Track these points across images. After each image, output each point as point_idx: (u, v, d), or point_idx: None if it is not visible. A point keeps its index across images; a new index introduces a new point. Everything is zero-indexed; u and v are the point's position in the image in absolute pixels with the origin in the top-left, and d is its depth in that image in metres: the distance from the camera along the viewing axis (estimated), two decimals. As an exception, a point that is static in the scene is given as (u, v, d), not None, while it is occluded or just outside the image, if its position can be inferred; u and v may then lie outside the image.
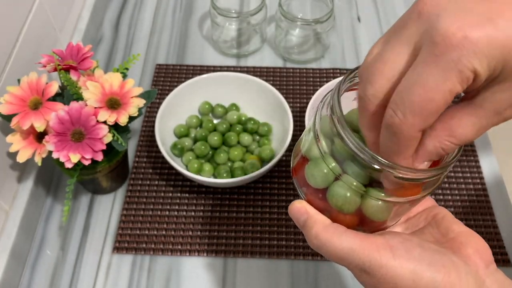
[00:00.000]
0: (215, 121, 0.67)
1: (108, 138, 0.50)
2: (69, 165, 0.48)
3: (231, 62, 0.78)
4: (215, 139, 0.64)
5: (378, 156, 0.27)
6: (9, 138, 0.50)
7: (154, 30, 0.82)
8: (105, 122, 0.50)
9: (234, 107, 0.68)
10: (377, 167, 0.27)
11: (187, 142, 0.64)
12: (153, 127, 0.68)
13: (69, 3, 0.73)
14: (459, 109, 0.26)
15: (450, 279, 0.28)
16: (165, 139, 0.61)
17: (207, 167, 0.62)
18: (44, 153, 0.50)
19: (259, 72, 0.76)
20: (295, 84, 0.74)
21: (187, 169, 0.61)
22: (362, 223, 0.32)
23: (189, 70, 0.76)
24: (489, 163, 0.66)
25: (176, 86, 0.67)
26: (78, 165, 0.51)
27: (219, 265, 0.57)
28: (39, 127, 0.48)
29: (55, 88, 0.50)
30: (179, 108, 0.65)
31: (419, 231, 0.32)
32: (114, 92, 0.52)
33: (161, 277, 0.56)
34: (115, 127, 0.52)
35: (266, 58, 0.78)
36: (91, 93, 0.50)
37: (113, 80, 0.52)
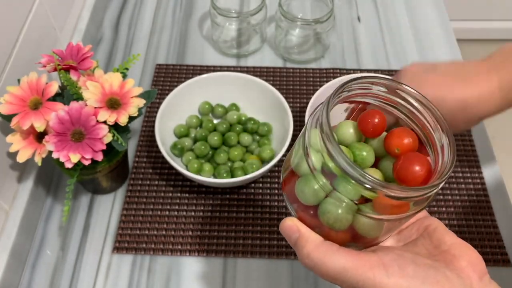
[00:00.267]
0: (215, 121, 0.67)
1: (108, 138, 0.50)
2: (69, 165, 0.48)
3: (231, 62, 0.78)
4: (215, 139, 0.64)
5: (368, 173, 0.26)
6: (9, 138, 0.50)
7: (154, 30, 0.82)
8: (105, 122, 0.50)
9: (234, 107, 0.68)
10: (367, 185, 0.27)
11: (187, 142, 0.64)
12: (153, 127, 0.68)
13: (69, 3, 0.73)
14: None
15: None
16: (165, 139, 0.61)
17: (207, 167, 0.62)
18: (44, 153, 0.50)
19: (259, 72, 0.76)
20: (295, 84, 0.74)
21: (187, 169, 0.61)
22: (354, 239, 0.31)
23: (189, 70, 0.76)
24: (489, 163, 0.66)
25: (176, 86, 0.67)
26: (78, 165, 0.51)
27: (219, 265, 0.57)
28: (39, 127, 0.48)
29: (55, 88, 0.50)
30: (179, 108, 0.65)
31: (412, 243, 0.32)
32: (114, 92, 0.52)
33: (161, 277, 0.56)
34: (115, 127, 0.52)
35: (266, 58, 0.78)
36: (91, 93, 0.50)
37: (113, 80, 0.52)
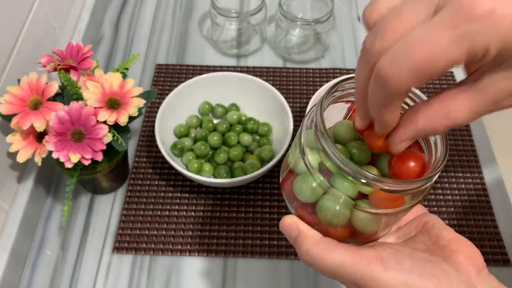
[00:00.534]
0: (215, 121, 0.67)
1: (108, 138, 0.50)
2: (69, 165, 0.48)
3: (231, 62, 0.78)
4: (215, 139, 0.64)
5: (362, 170, 0.27)
6: (9, 138, 0.50)
7: (154, 30, 0.82)
8: (105, 122, 0.50)
9: (234, 107, 0.68)
10: (363, 180, 0.27)
11: (187, 142, 0.64)
12: (153, 127, 0.68)
13: (69, 3, 0.73)
14: (459, 92, 0.25)
15: None
16: (165, 139, 0.61)
17: (207, 167, 0.62)
18: (44, 153, 0.50)
19: (259, 72, 0.76)
20: (295, 84, 0.74)
21: (187, 169, 0.61)
22: (353, 235, 0.32)
23: (189, 70, 0.76)
24: (489, 163, 0.66)
25: (176, 86, 0.67)
26: (78, 165, 0.51)
27: (219, 265, 0.57)
28: (39, 127, 0.48)
29: (55, 88, 0.50)
30: (179, 108, 0.65)
31: (411, 239, 0.32)
32: (114, 92, 0.52)
33: (161, 277, 0.56)
34: (115, 127, 0.52)
35: (266, 58, 0.78)
36: (91, 93, 0.50)
37: (113, 80, 0.52)
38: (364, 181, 0.27)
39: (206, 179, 0.57)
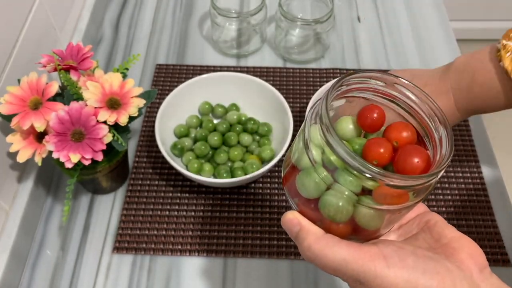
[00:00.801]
0: (215, 121, 0.67)
1: (108, 138, 0.50)
2: (69, 165, 0.48)
3: (231, 62, 0.78)
4: (215, 139, 0.64)
5: (369, 164, 0.27)
6: (9, 138, 0.50)
7: (154, 30, 0.82)
8: (105, 122, 0.50)
9: (234, 107, 0.68)
10: (368, 175, 0.27)
11: (187, 142, 0.64)
12: (153, 127, 0.68)
13: (69, 3, 0.73)
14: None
15: (444, 285, 0.27)
16: (165, 139, 0.61)
17: (207, 167, 0.62)
18: (44, 153, 0.50)
19: (259, 72, 0.76)
20: (295, 84, 0.74)
21: (187, 169, 0.61)
22: (355, 232, 0.31)
23: (189, 70, 0.76)
24: (489, 163, 0.66)
25: (176, 86, 0.67)
26: (78, 165, 0.51)
27: (219, 265, 0.57)
28: (39, 127, 0.48)
29: (55, 88, 0.50)
30: (179, 108, 0.65)
31: (413, 237, 0.32)
32: (114, 92, 0.52)
33: (161, 277, 0.56)
34: (115, 127, 0.52)
35: (266, 58, 0.78)
36: (91, 93, 0.50)
37: (113, 80, 0.52)
38: (369, 176, 0.27)
39: (206, 179, 0.57)
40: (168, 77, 0.75)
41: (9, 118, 0.49)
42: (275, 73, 0.76)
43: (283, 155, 0.58)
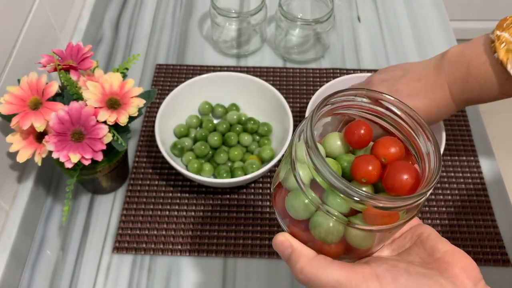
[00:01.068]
0: (215, 121, 0.67)
1: (108, 138, 0.50)
2: (69, 165, 0.48)
3: (231, 62, 0.78)
4: (215, 139, 0.64)
5: (355, 187, 0.26)
6: (9, 138, 0.50)
7: (154, 30, 0.82)
8: (105, 122, 0.50)
9: (234, 107, 0.68)
10: (355, 198, 0.27)
11: (187, 142, 0.64)
12: (153, 127, 0.68)
13: (69, 3, 0.73)
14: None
15: None
16: (165, 139, 0.61)
17: (207, 167, 0.62)
18: (44, 153, 0.50)
19: (259, 72, 0.76)
20: (295, 84, 0.74)
21: (187, 169, 0.61)
22: (347, 251, 0.31)
23: (189, 70, 0.76)
24: (489, 163, 0.66)
25: (176, 86, 0.67)
26: (78, 165, 0.51)
27: (219, 265, 0.57)
28: (39, 127, 0.48)
29: (55, 88, 0.50)
30: (179, 108, 0.65)
31: (405, 252, 0.32)
32: (114, 92, 0.52)
33: (161, 277, 0.56)
34: (115, 127, 0.52)
35: (266, 58, 0.78)
36: (91, 93, 0.50)
37: (113, 80, 0.52)
38: (356, 199, 0.27)
39: (206, 179, 0.57)
40: (168, 77, 0.75)
41: (9, 118, 0.49)
42: (275, 73, 0.76)
43: (283, 155, 0.58)
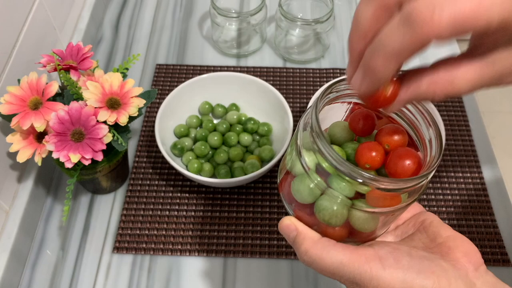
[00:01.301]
0: (215, 121, 0.67)
1: (108, 138, 0.50)
2: (69, 165, 0.48)
3: (231, 62, 0.78)
4: (215, 139, 0.64)
5: (359, 169, 0.27)
6: (9, 138, 0.50)
7: (154, 30, 0.82)
8: (105, 122, 0.50)
9: (234, 107, 0.68)
10: (359, 180, 0.27)
11: (187, 142, 0.64)
12: (153, 127, 0.68)
13: (69, 3, 0.73)
14: (467, 62, 0.25)
15: (440, 285, 0.28)
16: (165, 139, 0.62)
17: (207, 167, 0.62)
18: (44, 153, 0.50)
19: (259, 72, 0.76)
20: (295, 84, 0.74)
21: (187, 169, 0.61)
22: (351, 234, 0.32)
23: (189, 70, 0.76)
24: (489, 163, 0.66)
25: (176, 86, 0.67)
26: (78, 165, 0.51)
27: (219, 265, 0.57)
28: (39, 127, 0.48)
29: (55, 88, 0.50)
30: (179, 108, 0.65)
31: (409, 238, 0.32)
32: (114, 92, 0.52)
33: (161, 277, 0.56)
34: (115, 127, 0.52)
35: (266, 58, 0.78)
36: (91, 93, 0.50)
37: (113, 80, 0.52)
38: (360, 181, 0.27)
39: (206, 179, 0.57)
40: (168, 77, 0.75)
41: (9, 118, 0.49)
42: (275, 73, 0.76)
43: (283, 155, 0.58)
